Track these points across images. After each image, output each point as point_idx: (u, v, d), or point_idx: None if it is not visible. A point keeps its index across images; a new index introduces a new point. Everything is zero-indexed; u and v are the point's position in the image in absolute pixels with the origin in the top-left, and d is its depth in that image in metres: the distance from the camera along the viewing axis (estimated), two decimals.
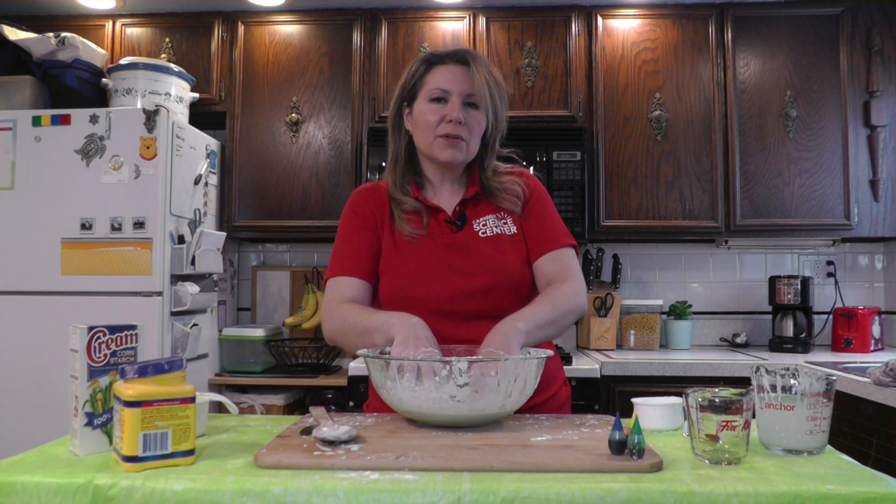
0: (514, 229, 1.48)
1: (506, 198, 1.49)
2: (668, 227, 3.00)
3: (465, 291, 1.41)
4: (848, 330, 3.02)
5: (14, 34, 2.83)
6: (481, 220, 1.48)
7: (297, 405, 3.02)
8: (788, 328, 3.03)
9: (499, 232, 1.47)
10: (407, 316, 1.28)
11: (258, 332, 3.03)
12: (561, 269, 1.45)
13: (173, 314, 2.61)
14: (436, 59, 1.47)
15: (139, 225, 2.55)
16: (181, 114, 2.89)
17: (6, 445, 2.42)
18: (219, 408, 1.75)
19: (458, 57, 1.45)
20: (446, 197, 1.51)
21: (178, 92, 2.89)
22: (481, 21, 3.07)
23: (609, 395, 2.60)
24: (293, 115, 3.08)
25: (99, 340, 1.08)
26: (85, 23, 3.17)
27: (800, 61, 3.01)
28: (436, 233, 1.46)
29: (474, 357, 1.15)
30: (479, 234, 1.46)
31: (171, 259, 2.59)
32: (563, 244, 1.47)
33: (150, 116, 2.58)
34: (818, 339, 3.20)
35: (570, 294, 1.40)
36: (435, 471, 0.94)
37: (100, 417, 1.08)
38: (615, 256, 3.20)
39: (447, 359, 1.12)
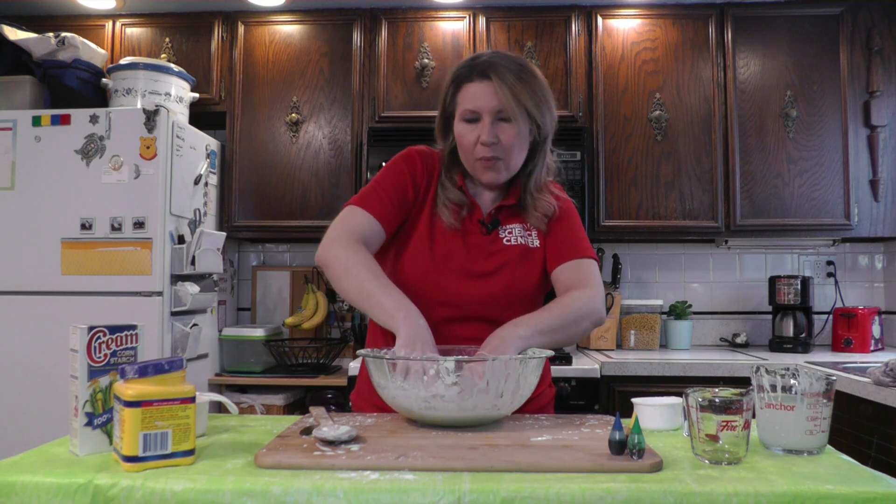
0: (536, 243, 1.49)
1: (535, 216, 1.48)
2: (668, 227, 3.00)
3: (477, 292, 1.42)
4: (848, 330, 3.02)
5: (14, 34, 2.83)
6: (508, 227, 1.49)
7: (297, 405, 3.02)
8: (788, 328, 3.03)
9: (523, 242, 1.48)
10: (416, 315, 1.27)
11: (258, 332, 3.03)
12: (580, 277, 1.44)
13: (173, 314, 2.61)
14: (462, 78, 1.44)
15: (139, 225, 2.55)
16: (181, 114, 2.89)
17: (6, 445, 2.42)
18: (219, 408, 1.75)
19: (482, 72, 1.41)
20: (487, 196, 1.52)
21: (178, 92, 2.89)
22: (481, 21, 3.07)
23: (609, 395, 2.60)
24: (293, 115, 3.08)
25: (99, 340, 1.08)
26: (85, 23, 3.17)
27: (800, 61, 3.01)
28: (468, 229, 1.47)
29: (462, 357, 1.14)
30: (504, 240, 1.47)
31: (171, 259, 2.59)
32: (585, 255, 1.47)
33: (150, 116, 2.58)
34: (818, 339, 3.20)
35: (585, 300, 1.39)
36: (435, 471, 0.94)
37: (100, 417, 1.08)
38: (615, 256, 3.20)
39: (435, 357, 1.12)
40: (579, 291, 1.40)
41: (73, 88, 2.81)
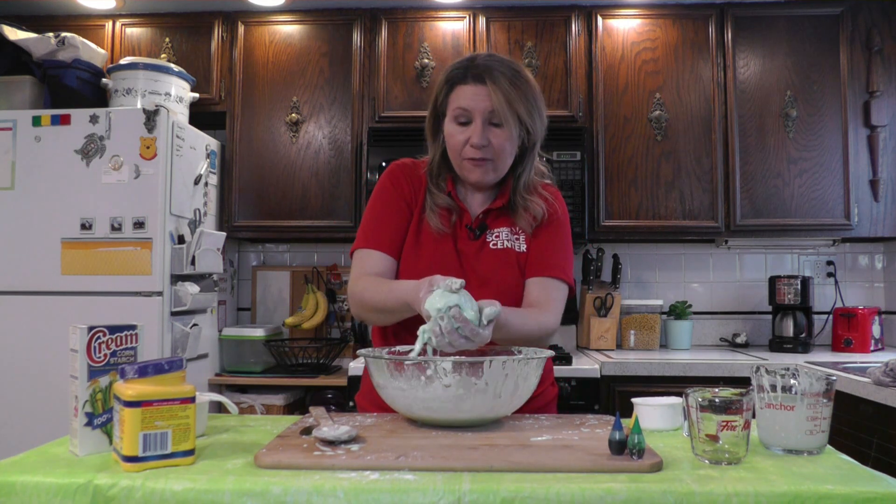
0: (523, 247, 1.49)
1: (524, 216, 1.48)
2: (668, 227, 3.00)
3: None
4: (848, 330, 3.02)
5: (14, 34, 2.83)
6: (496, 230, 1.49)
7: (297, 405, 3.02)
8: (788, 328, 3.03)
9: (509, 246, 1.48)
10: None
11: (258, 332, 3.03)
12: (545, 297, 1.44)
13: (173, 314, 2.61)
14: (457, 80, 1.43)
15: (139, 225, 2.55)
16: (181, 114, 2.89)
17: (6, 445, 2.42)
18: (219, 408, 1.75)
19: (476, 75, 1.40)
20: (476, 201, 1.52)
21: (178, 92, 2.89)
22: (481, 21, 3.07)
23: (609, 395, 2.60)
24: (293, 115, 3.08)
25: (99, 340, 1.08)
26: (85, 23, 3.17)
27: (800, 61, 3.01)
28: (457, 235, 1.48)
29: (459, 357, 1.14)
30: (491, 244, 1.48)
31: (171, 259, 2.59)
32: (557, 276, 1.46)
33: (150, 116, 2.58)
34: (818, 339, 3.20)
35: (542, 323, 1.40)
36: (435, 471, 0.94)
37: (100, 417, 1.08)
38: (615, 256, 3.20)
39: (432, 358, 1.12)
40: (541, 313, 1.40)
41: (73, 88, 2.81)
